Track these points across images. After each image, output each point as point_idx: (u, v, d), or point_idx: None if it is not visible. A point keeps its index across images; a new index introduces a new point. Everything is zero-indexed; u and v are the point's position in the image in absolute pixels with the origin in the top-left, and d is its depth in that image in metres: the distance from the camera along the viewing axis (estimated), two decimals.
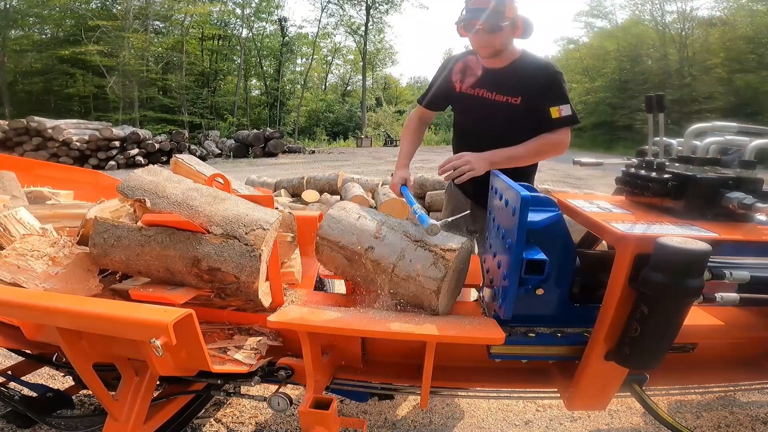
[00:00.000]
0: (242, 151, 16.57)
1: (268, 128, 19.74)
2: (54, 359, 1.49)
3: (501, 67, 1.94)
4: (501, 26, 1.83)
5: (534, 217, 1.16)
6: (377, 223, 1.38)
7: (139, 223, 1.31)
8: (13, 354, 1.98)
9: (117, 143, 13.05)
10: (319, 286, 1.84)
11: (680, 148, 1.44)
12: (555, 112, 1.85)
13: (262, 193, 1.60)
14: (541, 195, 1.26)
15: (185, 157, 1.77)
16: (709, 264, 1.02)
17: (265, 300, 1.39)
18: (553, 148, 1.90)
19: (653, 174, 1.33)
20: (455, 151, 2.05)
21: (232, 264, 1.26)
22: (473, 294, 1.89)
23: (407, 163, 2.09)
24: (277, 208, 1.56)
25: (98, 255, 1.32)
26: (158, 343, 0.94)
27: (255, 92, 30.92)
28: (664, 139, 1.51)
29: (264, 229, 1.30)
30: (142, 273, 1.34)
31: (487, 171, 1.70)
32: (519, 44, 1.96)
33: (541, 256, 1.11)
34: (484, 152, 1.81)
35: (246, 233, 1.28)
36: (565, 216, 1.27)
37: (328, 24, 29.53)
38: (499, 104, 1.93)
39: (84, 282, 1.35)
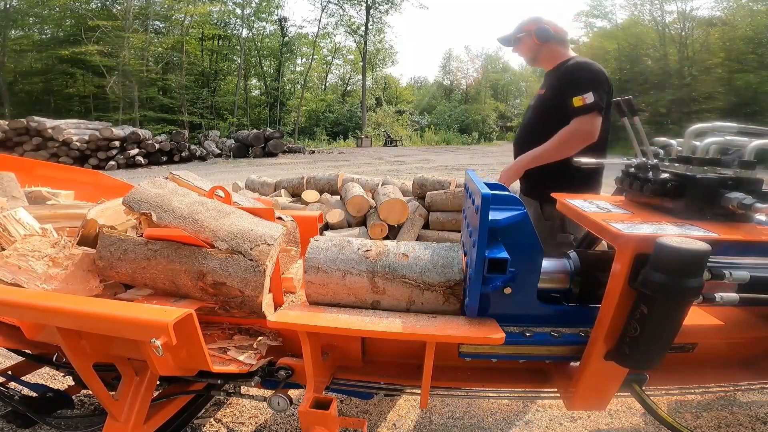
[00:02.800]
0: (242, 151, 16.57)
1: (268, 128, 19.76)
2: (54, 359, 1.49)
3: (549, 69, 2.27)
4: (518, 38, 2.27)
5: (497, 215, 1.17)
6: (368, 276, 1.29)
7: (145, 238, 1.31)
8: (13, 354, 1.98)
9: (117, 143, 13.05)
10: None
11: (680, 148, 1.44)
12: (578, 101, 1.96)
13: (264, 204, 1.59)
14: (507, 194, 1.26)
15: (182, 173, 1.76)
16: (708, 264, 1.02)
17: (269, 312, 1.39)
18: (575, 136, 1.98)
19: (651, 174, 1.33)
20: None
21: (237, 279, 1.26)
22: None
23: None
24: (280, 218, 1.55)
25: (104, 267, 1.33)
26: (158, 343, 0.94)
27: (255, 92, 30.94)
28: (662, 139, 1.51)
29: (269, 244, 1.30)
30: (147, 285, 1.34)
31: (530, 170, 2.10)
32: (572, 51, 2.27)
33: (504, 255, 1.11)
34: (513, 162, 2.17)
35: (251, 248, 1.28)
36: (567, 216, 1.27)
37: (328, 24, 29.57)
38: (537, 97, 2.28)
39: (85, 282, 1.35)
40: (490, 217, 1.13)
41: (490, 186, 1.35)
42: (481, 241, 1.12)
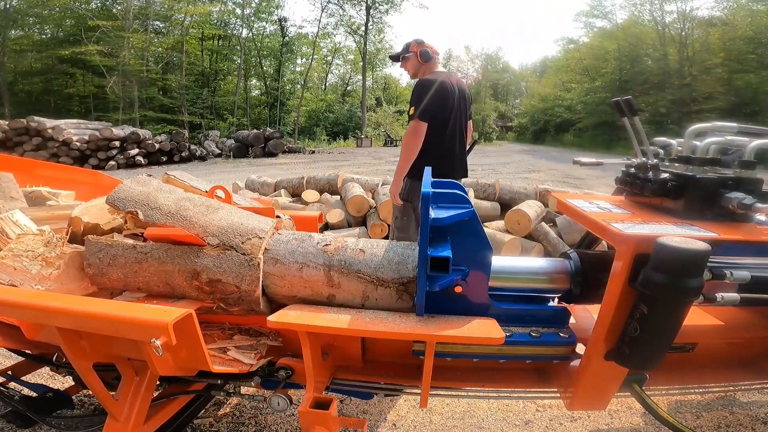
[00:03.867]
0: (242, 151, 16.57)
1: (268, 128, 19.76)
2: (54, 359, 1.49)
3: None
4: (406, 57, 2.82)
5: (442, 213, 1.17)
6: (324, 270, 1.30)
7: (133, 241, 1.30)
8: (13, 354, 1.98)
9: (117, 143, 13.05)
10: None
11: (680, 148, 1.44)
12: (410, 111, 2.61)
13: (263, 205, 1.59)
14: (454, 192, 1.25)
15: (178, 174, 1.75)
16: (708, 264, 1.02)
17: (267, 307, 1.39)
18: (407, 139, 2.60)
19: (651, 174, 1.33)
20: None
21: (232, 274, 1.25)
22: None
23: None
24: (278, 216, 1.55)
25: (95, 275, 1.31)
26: (158, 343, 0.94)
27: (255, 92, 30.93)
28: (662, 139, 1.51)
29: (260, 237, 1.30)
30: (141, 289, 1.33)
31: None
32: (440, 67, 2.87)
33: (446, 253, 1.11)
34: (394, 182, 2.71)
35: (242, 242, 1.28)
36: (564, 216, 1.27)
37: (328, 24, 29.57)
38: None
39: (78, 281, 1.34)
40: (435, 216, 1.14)
41: (444, 184, 1.38)
42: (422, 239, 1.12)
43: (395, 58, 2.92)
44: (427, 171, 1.48)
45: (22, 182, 1.93)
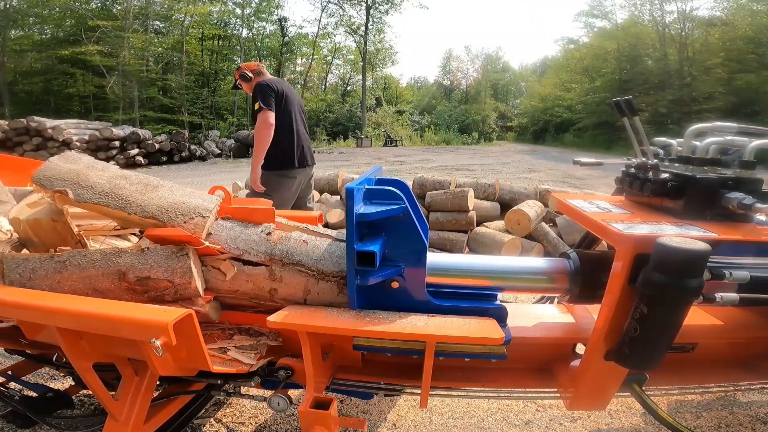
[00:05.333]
0: (242, 151, 16.57)
1: None
2: (54, 359, 1.49)
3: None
4: (239, 83, 3.49)
5: (370, 209, 1.17)
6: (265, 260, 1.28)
7: (51, 251, 1.24)
8: (13, 354, 1.98)
9: (117, 143, 13.07)
10: None
11: (680, 148, 1.44)
12: (256, 106, 3.16)
13: (264, 205, 1.57)
14: (386, 189, 1.25)
15: None
16: (708, 264, 1.02)
17: (214, 313, 1.35)
18: (258, 130, 3.13)
19: (651, 174, 1.33)
20: None
21: (161, 269, 1.20)
22: None
23: None
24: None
25: None
26: (158, 343, 0.94)
27: None
28: (662, 139, 1.51)
29: (203, 216, 1.23)
30: None
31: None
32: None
33: (371, 248, 1.11)
34: (252, 169, 3.26)
35: (185, 222, 1.22)
36: (564, 216, 1.28)
37: (328, 24, 29.56)
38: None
39: None
40: (363, 211, 1.15)
41: (385, 182, 1.40)
42: (348, 234, 1.13)
43: (235, 86, 3.56)
44: (376, 169, 1.51)
45: (19, 182, 1.93)
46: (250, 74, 3.37)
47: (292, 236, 1.33)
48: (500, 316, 1.28)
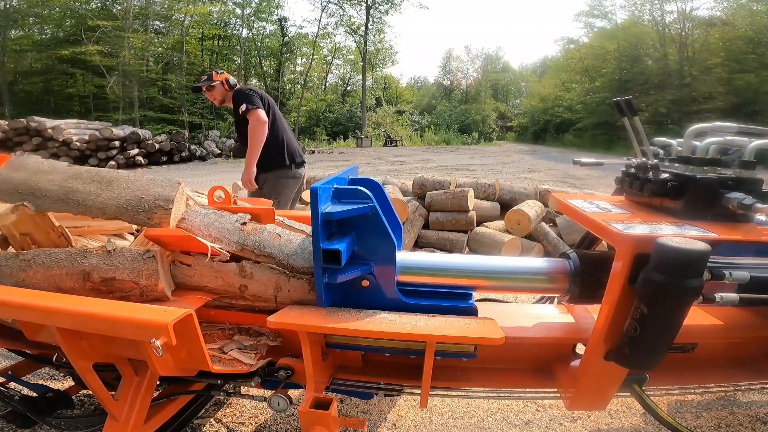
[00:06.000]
0: (242, 151, 16.46)
1: None
2: (54, 359, 1.49)
3: (230, 106, 3.40)
4: (213, 86, 3.36)
5: (338, 208, 1.19)
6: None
7: (17, 251, 1.21)
8: (13, 354, 1.98)
9: (117, 143, 13.05)
10: None
11: (680, 148, 1.44)
12: (240, 110, 3.15)
13: (264, 205, 1.56)
14: (355, 188, 1.27)
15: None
16: (708, 264, 1.02)
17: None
18: (253, 129, 3.13)
19: (651, 174, 1.33)
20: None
21: (126, 270, 1.18)
22: None
23: None
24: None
25: None
26: (158, 343, 0.94)
27: None
28: (662, 139, 1.51)
29: (165, 208, 1.20)
30: None
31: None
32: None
33: (337, 246, 1.13)
34: (246, 167, 3.25)
35: (148, 218, 1.18)
36: (564, 216, 1.28)
37: (328, 24, 29.52)
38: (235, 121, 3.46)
39: None
40: (329, 210, 1.16)
41: (358, 181, 1.42)
42: (314, 233, 1.14)
43: (196, 89, 3.45)
44: (351, 169, 1.52)
45: None
46: (229, 85, 3.33)
47: (266, 229, 1.32)
48: (472, 314, 1.30)
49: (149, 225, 1.19)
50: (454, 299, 1.34)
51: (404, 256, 1.35)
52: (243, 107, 3.11)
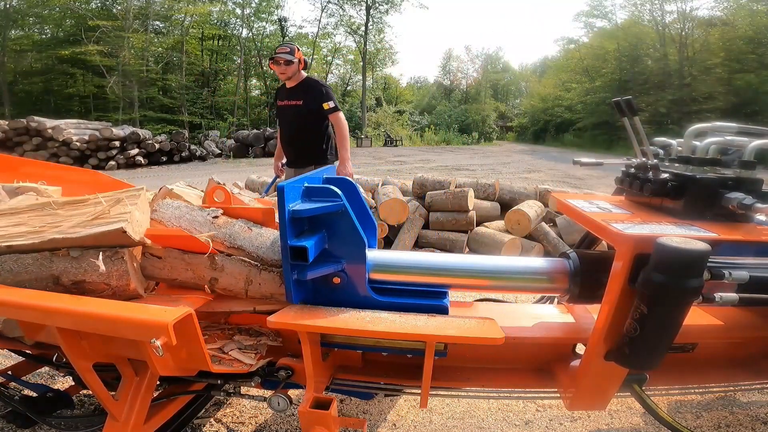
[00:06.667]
0: (242, 151, 16.56)
1: (268, 128, 19.71)
2: (54, 359, 1.49)
3: (294, 85, 3.45)
4: (290, 60, 3.34)
5: (306, 206, 1.21)
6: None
7: None
8: (13, 354, 1.98)
9: (117, 143, 13.04)
10: None
11: (680, 148, 1.44)
12: (326, 106, 3.30)
13: (264, 205, 1.56)
14: (325, 187, 1.28)
15: (178, 188, 1.59)
16: (708, 264, 1.02)
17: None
18: (343, 128, 3.34)
19: (651, 174, 1.33)
20: (281, 140, 3.70)
21: (95, 272, 1.18)
22: None
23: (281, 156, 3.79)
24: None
25: None
26: (158, 343, 0.94)
27: (255, 92, 30.87)
28: (662, 139, 1.51)
29: (127, 221, 1.19)
30: None
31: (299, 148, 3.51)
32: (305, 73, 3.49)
33: (304, 243, 1.14)
34: (343, 161, 3.31)
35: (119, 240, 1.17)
36: (564, 216, 1.28)
37: (328, 24, 29.50)
38: (291, 107, 3.44)
39: None
40: (299, 207, 1.18)
41: (332, 180, 1.44)
42: (282, 230, 1.16)
43: (275, 60, 3.37)
44: (328, 169, 1.55)
45: (7, 180, 1.91)
46: (305, 66, 3.43)
47: (238, 222, 1.34)
48: (444, 313, 1.31)
49: (123, 242, 1.20)
50: (428, 297, 1.36)
51: (376, 254, 1.37)
52: (331, 104, 3.31)
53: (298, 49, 3.40)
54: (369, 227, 1.49)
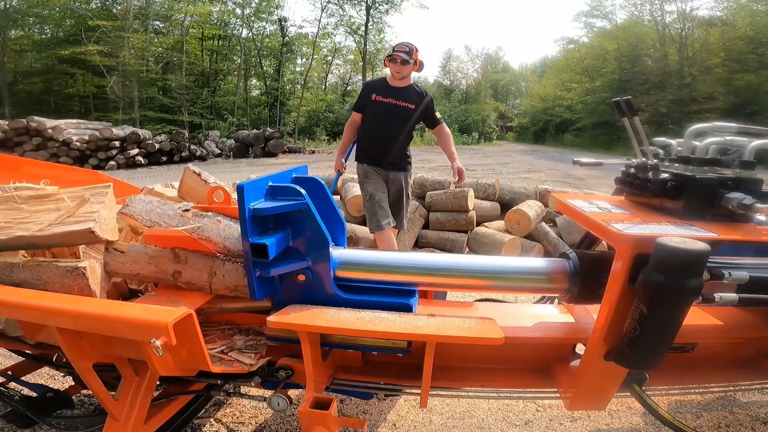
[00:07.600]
0: (242, 151, 16.56)
1: (268, 128, 19.71)
2: (54, 359, 1.49)
3: (403, 87, 3.34)
4: (407, 61, 3.19)
5: (268, 204, 1.22)
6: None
7: None
8: (13, 354, 1.98)
9: (117, 143, 13.04)
10: None
11: (680, 148, 1.44)
12: (437, 115, 3.48)
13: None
14: (288, 186, 1.30)
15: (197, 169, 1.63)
16: (708, 264, 1.02)
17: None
18: (450, 135, 3.57)
19: (651, 174, 1.33)
20: (360, 137, 3.56)
21: (56, 285, 1.17)
22: None
23: (345, 151, 3.72)
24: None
25: None
26: (158, 343, 0.94)
27: (255, 92, 30.85)
28: (662, 139, 1.51)
29: (94, 221, 1.20)
30: None
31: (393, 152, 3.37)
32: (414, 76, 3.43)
33: (264, 241, 1.16)
34: (456, 162, 3.47)
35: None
36: (564, 216, 1.28)
37: (328, 24, 29.46)
38: (400, 107, 3.30)
39: None
40: (260, 206, 1.20)
41: (301, 180, 1.45)
42: (242, 228, 1.18)
43: (392, 58, 3.20)
44: (299, 169, 1.55)
45: (7, 180, 1.91)
46: (419, 68, 3.35)
47: (208, 215, 1.35)
48: (409, 311, 1.32)
49: (88, 246, 1.21)
50: (394, 296, 1.37)
51: (341, 252, 1.38)
52: (438, 115, 3.47)
53: (417, 50, 3.22)
54: (336, 225, 1.51)
